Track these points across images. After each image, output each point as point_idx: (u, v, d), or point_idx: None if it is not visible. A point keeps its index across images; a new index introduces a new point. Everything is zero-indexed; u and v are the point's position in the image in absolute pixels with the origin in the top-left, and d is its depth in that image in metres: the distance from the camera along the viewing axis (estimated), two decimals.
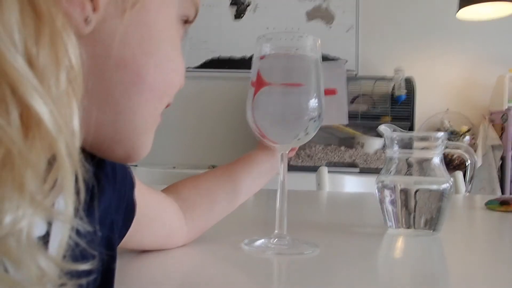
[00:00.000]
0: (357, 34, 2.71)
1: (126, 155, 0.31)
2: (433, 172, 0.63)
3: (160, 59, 0.30)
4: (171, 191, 0.53)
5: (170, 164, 2.56)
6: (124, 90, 0.28)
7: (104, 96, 0.27)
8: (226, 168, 0.60)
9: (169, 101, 0.33)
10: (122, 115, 0.28)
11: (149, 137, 0.32)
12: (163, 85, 0.30)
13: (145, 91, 0.29)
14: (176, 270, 0.47)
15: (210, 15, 2.73)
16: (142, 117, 0.30)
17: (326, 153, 2.35)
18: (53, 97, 0.19)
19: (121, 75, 0.27)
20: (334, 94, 0.64)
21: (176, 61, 0.32)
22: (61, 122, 0.19)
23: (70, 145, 0.20)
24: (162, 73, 0.30)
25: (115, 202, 0.35)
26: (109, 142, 0.29)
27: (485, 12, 2.12)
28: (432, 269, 0.49)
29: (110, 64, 0.27)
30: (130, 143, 0.30)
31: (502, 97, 2.53)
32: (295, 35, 0.52)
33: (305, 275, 0.45)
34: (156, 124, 0.33)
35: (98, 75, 0.26)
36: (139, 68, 0.28)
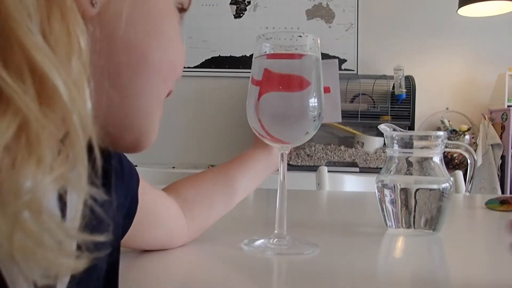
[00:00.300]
0: (357, 33, 2.71)
1: (135, 142, 0.31)
2: (433, 171, 0.63)
3: (163, 40, 0.30)
4: (170, 191, 0.53)
5: (170, 164, 2.56)
6: (131, 72, 0.28)
7: (112, 79, 0.27)
8: (223, 167, 0.60)
9: (171, 87, 0.33)
10: (130, 98, 0.29)
11: (156, 124, 0.32)
12: (167, 66, 0.31)
13: (151, 73, 0.29)
14: (176, 270, 0.47)
15: (210, 14, 2.73)
16: (148, 101, 0.30)
17: (326, 153, 2.35)
18: (66, 70, 0.19)
19: (128, 57, 0.28)
20: (328, 92, 0.64)
21: (178, 45, 0.32)
22: (75, 94, 0.19)
23: (83, 117, 0.20)
24: (166, 54, 0.30)
25: (122, 199, 0.35)
26: (118, 128, 0.30)
27: (485, 10, 2.12)
28: (432, 269, 0.49)
29: (117, 46, 0.27)
30: (138, 129, 0.30)
31: (502, 96, 2.53)
32: (295, 34, 0.52)
33: (305, 275, 0.44)
34: (161, 111, 0.33)
35: (106, 57, 0.27)
36: (145, 49, 0.28)
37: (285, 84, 0.51)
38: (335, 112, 0.67)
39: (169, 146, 2.70)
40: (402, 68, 2.39)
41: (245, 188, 0.60)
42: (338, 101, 0.67)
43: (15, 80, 0.17)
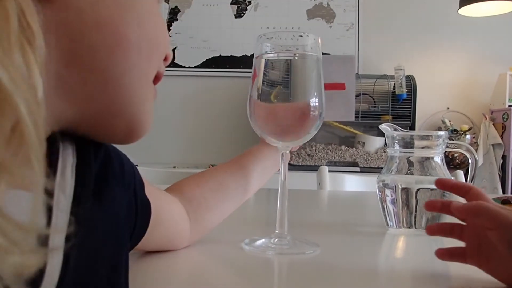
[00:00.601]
0: (357, 32, 2.71)
1: (128, 130, 0.30)
2: (434, 171, 0.63)
3: (138, 15, 0.28)
4: (175, 191, 0.52)
5: (170, 163, 2.56)
6: (108, 53, 0.26)
7: (88, 61, 0.26)
8: (230, 164, 0.59)
9: (158, 68, 0.32)
10: (111, 81, 0.27)
11: (147, 108, 0.31)
12: (146, 42, 0.29)
13: (129, 50, 0.27)
14: (176, 270, 0.47)
15: (210, 14, 2.73)
16: (133, 81, 0.28)
17: (327, 152, 2.35)
18: (5, 52, 0.18)
19: (102, 37, 0.26)
20: (343, 89, 0.63)
21: (157, 20, 0.31)
22: (16, 77, 0.18)
23: (32, 107, 0.18)
24: (144, 30, 0.29)
25: (126, 200, 0.34)
26: (107, 117, 0.28)
27: (486, 10, 2.11)
28: (433, 268, 0.49)
29: (87, 26, 0.25)
30: (128, 113, 0.29)
31: (503, 96, 2.53)
32: (295, 34, 0.52)
33: (305, 275, 0.44)
34: (152, 95, 0.31)
35: (77, 39, 0.25)
36: (119, 25, 0.27)
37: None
38: (349, 110, 0.65)
39: (170, 146, 2.70)
40: (403, 68, 2.39)
41: (253, 185, 0.59)
42: (352, 98, 0.65)
43: None
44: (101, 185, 0.29)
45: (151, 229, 0.42)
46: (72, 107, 0.27)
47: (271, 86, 0.52)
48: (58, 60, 0.25)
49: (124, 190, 0.33)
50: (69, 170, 0.27)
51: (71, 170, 0.27)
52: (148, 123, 0.31)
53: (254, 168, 0.59)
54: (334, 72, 0.56)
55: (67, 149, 0.28)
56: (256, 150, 0.61)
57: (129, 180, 0.35)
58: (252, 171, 0.59)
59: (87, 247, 0.26)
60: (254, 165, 0.59)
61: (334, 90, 0.55)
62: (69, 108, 0.26)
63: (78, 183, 0.27)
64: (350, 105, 0.61)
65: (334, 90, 0.55)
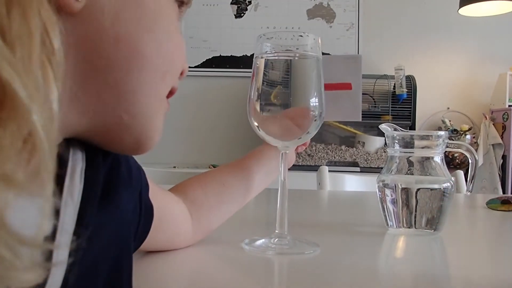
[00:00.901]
0: (357, 32, 2.71)
1: (136, 143, 0.30)
2: (434, 171, 0.63)
3: (157, 34, 0.29)
4: (179, 191, 0.53)
5: (170, 163, 2.56)
6: (124, 68, 0.27)
7: (104, 76, 0.26)
8: (233, 166, 0.59)
9: (173, 84, 0.32)
10: (125, 95, 0.28)
11: (158, 123, 0.31)
12: (163, 61, 0.29)
13: (145, 68, 0.28)
14: (177, 269, 0.47)
15: (211, 14, 2.73)
16: (146, 98, 0.29)
17: (327, 152, 2.35)
18: (26, 69, 0.18)
19: (119, 53, 0.27)
20: (349, 89, 0.61)
21: (175, 39, 0.31)
22: (34, 93, 0.18)
23: (46, 119, 0.18)
24: (161, 49, 0.29)
25: (132, 204, 0.35)
26: (117, 131, 0.29)
27: (486, 10, 2.11)
28: (433, 268, 0.49)
29: (106, 42, 0.26)
30: (138, 128, 0.29)
31: (503, 96, 2.53)
32: (295, 34, 0.52)
33: (305, 275, 0.44)
34: (163, 110, 0.32)
35: (95, 54, 0.26)
36: (136, 43, 0.27)
37: None
38: (355, 110, 0.63)
39: (170, 146, 2.70)
40: (403, 68, 2.39)
41: (257, 187, 0.59)
42: (359, 99, 0.63)
43: None
44: (109, 189, 0.30)
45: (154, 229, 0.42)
46: (84, 119, 0.27)
47: (271, 86, 0.52)
48: (74, 74, 0.25)
49: (130, 194, 0.34)
50: (78, 175, 0.27)
51: (80, 175, 0.27)
52: (156, 137, 0.31)
53: (257, 169, 0.59)
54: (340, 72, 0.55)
55: (76, 153, 0.28)
56: (259, 152, 0.61)
57: (136, 185, 0.35)
58: (255, 173, 0.58)
59: (92, 251, 0.27)
60: (257, 167, 0.59)
61: (340, 90, 0.54)
62: (81, 120, 0.27)
63: (87, 187, 0.27)
64: (356, 105, 0.60)
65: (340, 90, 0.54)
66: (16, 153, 0.17)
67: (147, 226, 0.41)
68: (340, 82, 0.54)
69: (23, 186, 0.17)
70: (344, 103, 0.53)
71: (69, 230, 0.25)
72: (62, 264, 0.24)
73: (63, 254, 0.24)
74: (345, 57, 0.51)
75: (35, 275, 0.18)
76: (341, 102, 0.59)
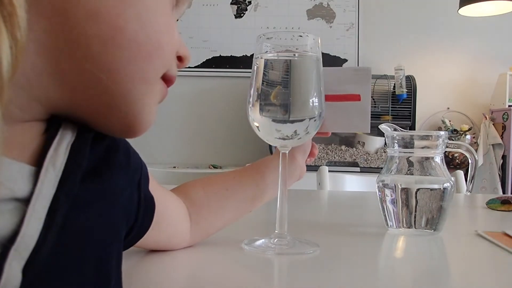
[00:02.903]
0: (357, 32, 2.71)
1: (125, 125, 0.30)
2: (434, 171, 0.63)
3: (140, 11, 0.28)
4: (180, 191, 0.52)
5: (170, 163, 2.56)
6: (102, 44, 0.26)
7: (82, 51, 0.26)
8: (241, 172, 0.58)
9: (166, 70, 0.31)
10: (105, 73, 0.27)
11: (147, 107, 0.30)
12: (146, 41, 0.28)
13: (126, 46, 0.27)
14: (176, 269, 0.47)
15: (210, 14, 2.73)
16: (128, 78, 0.28)
17: (327, 152, 2.35)
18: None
19: (97, 28, 0.26)
20: (358, 100, 0.61)
21: (163, 19, 0.30)
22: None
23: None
24: (145, 28, 0.28)
25: (128, 191, 0.34)
26: (102, 108, 0.28)
27: (486, 10, 2.11)
28: (433, 268, 0.49)
29: (84, 16, 0.25)
30: (122, 109, 0.29)
31: (503, 96, 2.53)
32: (295, 34, 0.52)
33: (305, 275, 0.44)
34: (155, 94, 0.31)
35: (73, 29, 0.25)
36: (115, 18, 0.27)
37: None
38: (364, 122, 0.62)
39: (170, 146, 2.71)
40: (403, 68, 2.39)
41: (264, 195, 0.58)
42: (368, 110, 0.62)
43: None
44: (100, 168, 0.29)
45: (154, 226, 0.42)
46: (67, 94, 0.27)
47: (271, 86, 0.52)
48: (53, 46, 0.25)
49: (127, 181, 0.33)
50: (63, 147, 0.27)
51: (65, 147, 0.27)
52: (147, 121, 0.31)
53: (264, 178, 0.57)
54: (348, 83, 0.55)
55: (67, 129, 0.28)
56: (268, 161, 0.59)
57: (134, 173, 0.35)
58: (261, 182, 0.57)
59: (74, 225, 0.26)
60: (264, 176, 0.57)
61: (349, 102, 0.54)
62: (63, 94, 0.27)
63: (71, 157, 0.27)
64: (365, 116, 0.59)
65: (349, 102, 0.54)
66: None
67: (149, 217, 0.41)
68: (348, 93, 0.54)
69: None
70: (353, 115, 0.53)
71: (47, 196, 0.25)
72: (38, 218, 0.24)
73: (40, 207, 0.24)
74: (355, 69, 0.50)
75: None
76: (350, 113, 0.59)
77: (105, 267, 0.29)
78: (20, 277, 0.22)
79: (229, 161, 2.61)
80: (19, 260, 0.22)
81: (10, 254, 0.22)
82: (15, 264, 0.22)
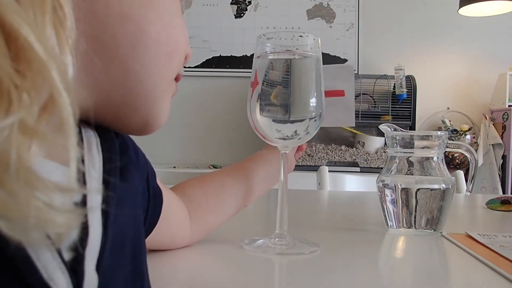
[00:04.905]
0: (357, 32, 2.71)
1: (143, 123, 0.31)
2: (434, 171, 0.63)
3: (161, 12, 0.29)
4: (178, 191, 0.53)
5: (170, 163, 2.56)
6: (129, 45, 0.27)
7: (110, 53, 0.27)
8: (233, 168, 0.59)
9: (177, 68, 0.32)
10: (131, 74, 0.28)
11: (165, 105, 0.32)
12: (168, 41, 0.30)
13: (150, 47, 0.28)
14: (176, 269, 0.47)
15: (211, 14, 2.73)
16: (152, 78, 0.29)
17: (327, 152, 2.35)
18: (40, 29, 0.18)
19: (124, 29, 0.27)
20: (342, 95, 0.64)
21: (178, 19, 0.31)
22: (51, 51, 0.18)
23: (64, 76, 0.19)
24: (166, 28, 0.29)
25: (141, 187, 0.35)
26: (125, 109, 0.29)
27: (486, 10, 2.11)
28: (433, 269, 0.49)
29: (112, 18, 0.26)
30: (145, 108, 0.30)
31: (503, 96, 2.53)
32: (295, 34, 0.52)
33: (305, 275, 0.44)
34: (171, 91, 0.32)
35: (102, 31, 0.26)
36: (141, 20, 0.28)
37: None
38: (349, 116, 0.67)
39: (170, 146, 2.71)
40: (403, 68, 2.39)
41: (258, 190, 0.59)
42: (352, 105, 0.67)
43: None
44: (122, 168, 0.30)
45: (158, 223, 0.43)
46: (93, 95, 0.27)
47: (271, 86, 0.52)
48: (84, 49, 0.26)
49: (139, 176, 0.34)
50: (94, 148, 0.27)
51: (96, 148, 0.28)
52: (163, 119, 0.32)
53: (256, 173, 0.59)
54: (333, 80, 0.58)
55: (88, 131, 0.28)
56: (260, 156, 0.61)
57: (143, 168, 0.36)
58: (254, 176, 0.59)
59: (118, 223, 0.27)
60: (257, 170, 0.59)
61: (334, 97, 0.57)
62: (91, 96, 0.27)
63: (106, 159, 0.27)
64: (350, 111, 0.63)
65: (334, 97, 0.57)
66: (34, 104, 0.18)
67: (158, 210, 0.41)
68: (333, 89, 0.56)
69: (44, 136, 0.18)
70: (338, 110, 0.55)
71: (98, 197, 0.25)
72: (97, 213, 0.25)
73: (96, 201, 0.25)
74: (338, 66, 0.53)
75: (70, 218, 0.19)
76: (335, 108, 0.62)
77: (138, 263, 0.30)
78: (97, 277, 0.23)
79: (229, 161, 2.61)
80: (92, 260, 0.23)
81: (86, 256, 0.23)
82: (91, 265, 0.23)
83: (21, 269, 0.19)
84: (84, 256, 0.23)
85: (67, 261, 0.22)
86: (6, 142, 0.16)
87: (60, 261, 0.21)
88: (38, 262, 0.20)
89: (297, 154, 0.67)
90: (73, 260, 0.22)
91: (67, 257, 0.22)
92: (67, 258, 0.22)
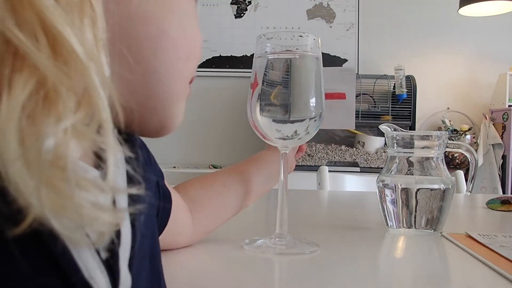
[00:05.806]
0: (357, 32, 2.71)
1: (160, 125, 0.31)
2: (434, 171, 0.63)
3: (180, 14, 0.29)
4: (180, 191, 0.53)
5: (170, 163, 2.56)
6: (150, 46, 0.28)
7: (133, 55, 0.27)
8: (234, 169, 0.59)
9: (194, 70, 0.33)
10: (152, 75, 0.28)
11: (181, 107, 0.32)
12: (186, 43, 0.30)
13: (170, 49, 0.29)
14: (176, 269, 0.47)
15: (210, 14, 2.73)
16: (172, 80, 0.29)
17: (327, 152, 2.35)
18: (80, 30, 0.19)
19: (146, 31, 0.27)
20: (344, 98, 0.65)
21: (194, 20, 0.32)
22: (90, 51, 0.19)
23: (102, 76, 0.19)
24: (184, 30, 0.30)
25: (153, 188, 0.35)
26: (143, 109, 0.29)
27: (486, 10, 2.11)
28: (433, 269, 0.49)
29: (135, 20, 0.27)
30: (163, 110, 0.30)
31: (503, 96, 2.53)
32: (295, 34, 0.52)
33: (305, 275, 0.44)
34: (186, 94, 0.33)
35: (125, 32, 0.26)
36: (161, 22, 0.28)
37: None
38: (349, 119, 0.67)
39: (170, 146, 2.71)
40: (403, 68, 2.39)
41: (258, 190, 0.60)
42: (352, 108, 0.67)
43: (29, 38, 0.17)
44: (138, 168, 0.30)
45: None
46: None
47: (271, 86, 0.52)
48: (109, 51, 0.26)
49: (151, 177, 0.35)
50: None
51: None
52: (178, 121, 0.32)
53: (257, 173, 0.59)
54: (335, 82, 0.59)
55: None
56: (261, 156, 0.62)
57: (153, 168, 0.37)
58: (255, 177, 0.59)
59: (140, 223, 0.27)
60: (258, 171, 0.60)
61: (335, 100, 0.58)
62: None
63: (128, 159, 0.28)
64: (350, 114, 0.64)
65: (335, 100, 0.58)
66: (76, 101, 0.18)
67: (167, 211, 0.41)
68: (334, 92, 0.57)
69: (85, 136, 0.18)
70: (339, 112, 0.55)
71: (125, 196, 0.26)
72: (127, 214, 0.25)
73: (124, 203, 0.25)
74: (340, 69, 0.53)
75: (113, 217, 0.19)
76: (336, 111, 0.63)
77: (155, 263, 0.31)
78: (130, 277, 0.24)
79: (229, 161, 2.61)
80: (125, 260, 0.24)
81: (120, 256, 0.23)
82: (124, 265, 0.24)
83: (65, 268, 0.19)
84: (118, 256, 0.23)
85: (104, 260, 0.22)
86: (62, 145, 0.17)
87: (99, 260, 0.21)
88: (80, 261, 0.20)
89: (298, 154, 0.67)
90: (109, 259, 0.22)
91: (104, 257, 0.22)
92: (103, 257, 0.22)
